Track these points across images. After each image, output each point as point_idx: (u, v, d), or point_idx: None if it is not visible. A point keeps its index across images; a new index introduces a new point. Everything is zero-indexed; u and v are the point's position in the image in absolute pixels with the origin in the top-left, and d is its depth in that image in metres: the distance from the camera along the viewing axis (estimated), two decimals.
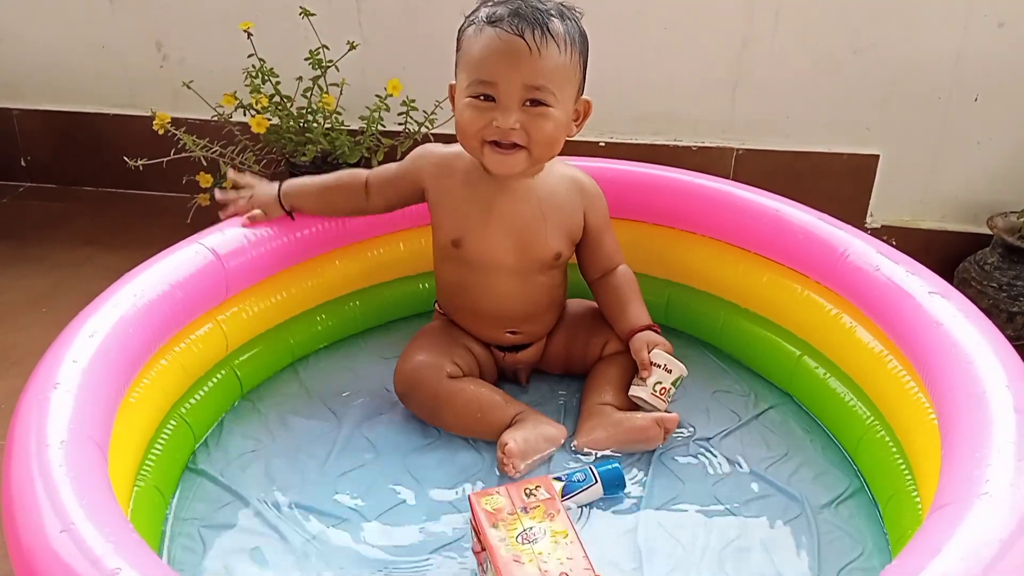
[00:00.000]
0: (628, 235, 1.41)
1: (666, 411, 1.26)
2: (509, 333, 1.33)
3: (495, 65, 1.13)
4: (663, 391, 1.26)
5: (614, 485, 1.14)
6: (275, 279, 1.34)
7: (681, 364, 1.27)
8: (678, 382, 1.27)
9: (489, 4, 1.16)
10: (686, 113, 1.86)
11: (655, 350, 1.26)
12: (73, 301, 1.12)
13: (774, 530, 1.12)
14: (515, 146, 1.16)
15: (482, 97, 1.15)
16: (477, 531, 1.02)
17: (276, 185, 1.33)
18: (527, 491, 1.05)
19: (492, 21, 1.13)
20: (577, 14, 1.18)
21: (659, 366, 1.26)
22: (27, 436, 0.90)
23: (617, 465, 1.15)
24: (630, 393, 1.28)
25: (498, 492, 1.04)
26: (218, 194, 1.35)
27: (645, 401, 1.26)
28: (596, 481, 1.13)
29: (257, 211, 1.30)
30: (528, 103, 1.14)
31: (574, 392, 1.36)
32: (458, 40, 1.19)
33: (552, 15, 1.14)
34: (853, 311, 1.24)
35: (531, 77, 1.13)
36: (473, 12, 1.18)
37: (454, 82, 1.21)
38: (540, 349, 1.37)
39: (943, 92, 1.74)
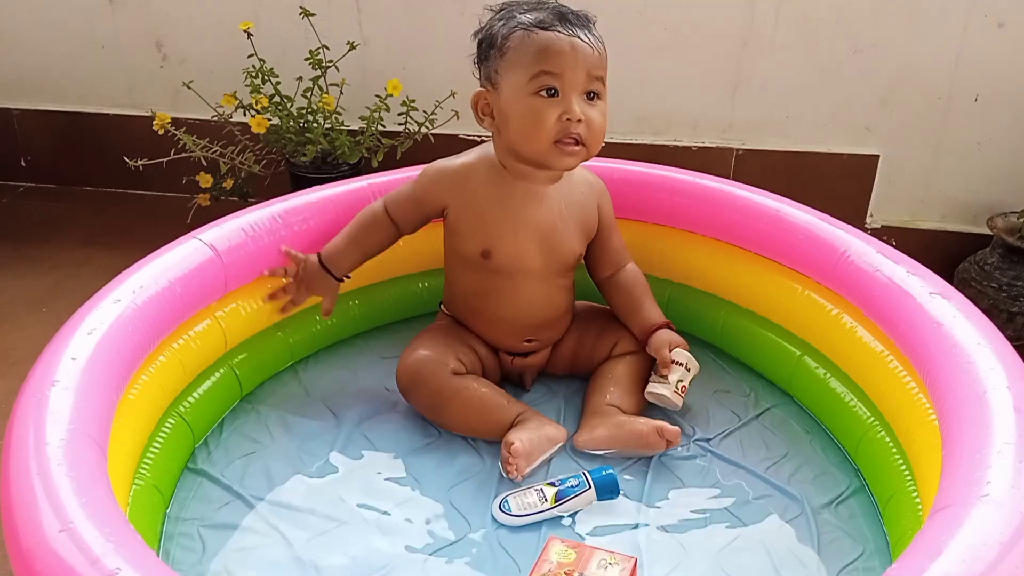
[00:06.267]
0: (628, 235, 1.40)
1: (680, 407, 1.28)
2: (526, 341, 1.33)
3: (559, 56, 1.15)
4: (683, 389, 1.27)
5: (608, 491, 1.13)
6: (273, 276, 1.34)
7: (696, 362, 1.28)
8: (692, 380, 1.28)
9: (520, 11, 1.18)
10: (686, 113, 1.86)
11: (676, 349, 1.27)
12: (73, 301, 1.12)
13: (774, 530, 1.12)
14: (577, 143, 1.18)
15: (545, 92, 1.16)
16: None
17: (315, 258, 1.31)
18: (604, 562, 1.00)
19: (544, 26, 1.16)
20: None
21: (680, 364, 1.27)
22: (26, 434, 0.89)
23: (611, 471, 1.15)
24: (648, 391, 1.28)
25: (576, 549, 1.02)
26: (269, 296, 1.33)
27: (666, 399, 1.27)
28: (590, 486, 1.13)
29: (314, 296, 1.33)
30: (587, 96, 1.17)
31: (574, 392, 1.36)
32: (495, 47, 1.19)
33: (589, 20, 1.19)
34: (853, 311, 1.24)
35: (594, 67, 1.17)
36: (504, 18, 1.19)
37: (482, 89, 1.22)
38: (547, 354, 1.37)
39: (943, 92, 1.74)
